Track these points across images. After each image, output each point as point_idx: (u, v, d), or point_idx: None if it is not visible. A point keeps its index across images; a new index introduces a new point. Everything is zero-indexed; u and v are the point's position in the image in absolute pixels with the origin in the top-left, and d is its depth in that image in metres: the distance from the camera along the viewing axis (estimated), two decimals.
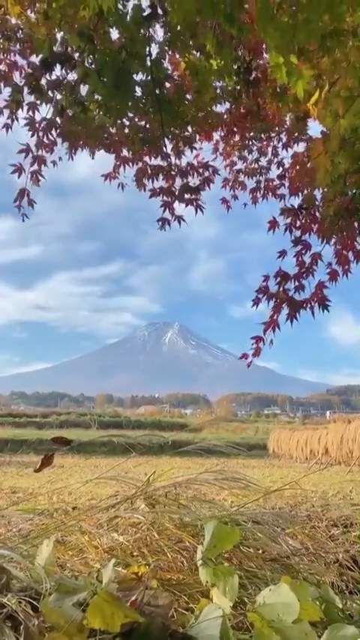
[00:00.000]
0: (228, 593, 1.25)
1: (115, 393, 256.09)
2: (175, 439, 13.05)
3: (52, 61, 3.26)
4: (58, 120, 3.74)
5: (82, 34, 2.78)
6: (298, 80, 1.92)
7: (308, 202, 3.56)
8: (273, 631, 1.13)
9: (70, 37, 2.85)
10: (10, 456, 21.67)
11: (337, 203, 2.98)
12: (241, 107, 3.94)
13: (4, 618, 1.21)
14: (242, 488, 2.36)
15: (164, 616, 1.22)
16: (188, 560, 2.04)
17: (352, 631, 1.25)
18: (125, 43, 2.78)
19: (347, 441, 19.70)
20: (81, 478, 3.14)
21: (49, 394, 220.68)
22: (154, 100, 2.93)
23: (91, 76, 2.89)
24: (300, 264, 3.54)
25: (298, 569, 2.36)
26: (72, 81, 3.43)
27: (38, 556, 1.41)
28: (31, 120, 3.80)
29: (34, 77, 3.51)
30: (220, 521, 1.63)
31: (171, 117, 3.21)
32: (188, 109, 3.23)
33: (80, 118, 3.51)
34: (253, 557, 2.26)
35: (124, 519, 2.33)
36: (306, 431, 25.74)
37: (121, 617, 1.11)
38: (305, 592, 1.22)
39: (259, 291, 3.50)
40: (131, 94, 2.83)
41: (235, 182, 4.97)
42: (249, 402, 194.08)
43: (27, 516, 2.30)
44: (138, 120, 3.69)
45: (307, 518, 3.74)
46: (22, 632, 1.14)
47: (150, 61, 2.74)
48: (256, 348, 3.68)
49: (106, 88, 2.74)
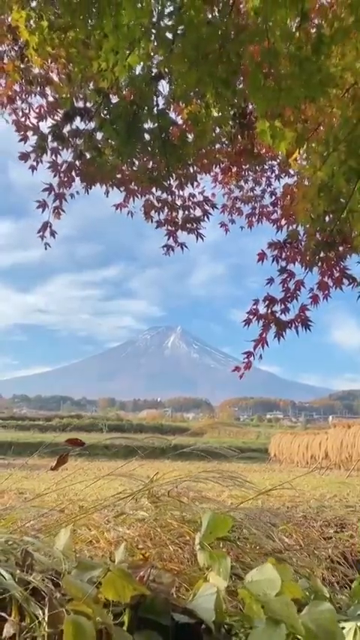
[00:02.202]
0: (222, 573, 1.45)
1: (117, 397, 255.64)
2: (176, 443, 13.23)
3: (73, 114, 3.78)
4: (77, 163, 4.26)
5: (98, 91, 3.08)
6: (281, 142, 2.20)
7: (292, 237, 4.06)
8: (259, 604, 1.34)
9: (89, 94, 3.20)
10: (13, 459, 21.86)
11: (318, 238, 3.33)
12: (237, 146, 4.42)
13: (30, 593, 1.41)
14: (239, 486, 2.54)
15: (167, 592, 1.42)
16: (188, 553, 2.23)
17: (328, 606, 1.45)
18: (135, 98, 3.09)
19: (347, 446, 19.89)
20: (85, 480, 3.33)
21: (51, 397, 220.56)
22: (160, 144, 3.31)
23: (106, 126, 3.35)
24: (285, 289, 4.06)
25: (291, 562, 2.54)
26: (89, 129, 3.91)
27: (57, 542, 1.62)
28: (54, 163, 4.35)
29: (58, 127, 4.01)
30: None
31: (175, 159, 3.54)
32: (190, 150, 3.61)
33: (96, 161, 4.00)
34: (248, 552, 2.46)
35: (130, 515, 2.52)
36: (307, 436, 25.89)
37: (130, 590, 1.31)
38: (287, 573, 1.41)
39: (250, 312, 4.02)
40: (141, 140, 3.19)
41: (232, 208, 5.54)
42: (251, 407, 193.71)
43: (41, 511, 2.49)
44: (146, 161, 4.16)
45: (302, 518, 3.91)
46: (46, 603, 1.35)
47: (157, 111, 3.08)
48: (247, 362, 4.21)
49: (119, 136, 3.10)
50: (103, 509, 2.59)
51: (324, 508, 4.51)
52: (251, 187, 5.49)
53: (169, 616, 1.36)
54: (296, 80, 1.99)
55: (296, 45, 2.08)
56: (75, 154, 4.13)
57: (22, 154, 4.28)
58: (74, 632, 1.16)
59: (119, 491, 2.97)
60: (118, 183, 4.46)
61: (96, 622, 1.24)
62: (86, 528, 2.34)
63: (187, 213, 4.84)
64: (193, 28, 2.09)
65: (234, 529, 2.57)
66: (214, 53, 2.17)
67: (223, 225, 5.60)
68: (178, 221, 4.84)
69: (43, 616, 1.34)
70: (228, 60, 2.18)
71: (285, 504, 4.46)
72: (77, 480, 3.50)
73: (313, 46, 2.06)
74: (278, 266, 4.13)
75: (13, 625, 1.35)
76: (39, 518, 2.34)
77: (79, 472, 3.87)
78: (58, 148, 4.24)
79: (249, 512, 2.76)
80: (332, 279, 3.98)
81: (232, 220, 5.62)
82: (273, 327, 3.96)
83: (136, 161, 4.09)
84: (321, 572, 2.69)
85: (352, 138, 2.38)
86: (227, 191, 5.55)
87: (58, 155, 4.31)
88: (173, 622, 1.36)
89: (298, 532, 3.12)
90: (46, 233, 4.65)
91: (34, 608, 1.38)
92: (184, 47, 2.13)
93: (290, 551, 2.67)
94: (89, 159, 4.02)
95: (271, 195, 5.46)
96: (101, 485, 3.71)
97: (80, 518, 2.33)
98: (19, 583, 1.43)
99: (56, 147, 4.24)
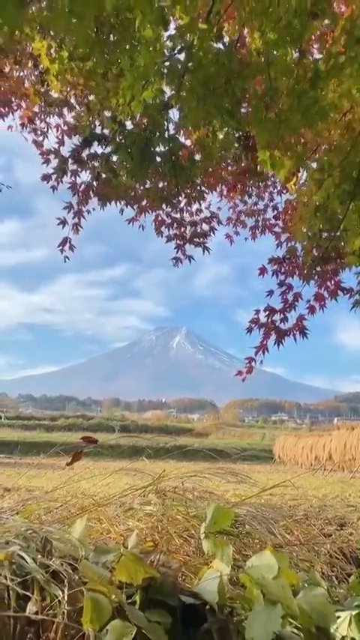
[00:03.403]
0: (224, 559, 1.59)
1: (122, 397, 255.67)
2: (181, 444, 13.14)
3: (92, 139, 4.17)
4: (94, 183, 4.65)
5: (114, 119, 3.37)
6: (280, 169, 2.40)
7: (291, 253, 4.42)
8: (258, 587, 1.47)
9: (106, 122, 3.48)
10: (20, 458, 22.09)
11: (314, 253, 3.56)
12: (242, 166, 4.75)
13: (50, 575, 1.56)
14: (242, 482, 2.67)
15: (174, 576, 1.56)
16: (194, 546, 2.37)
17: (322, 591, 1.59)
18: (148, 124, 3.35)
19: (350, 448, 20.00)
20: (94, 476, 3.46)
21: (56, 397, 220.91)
22: (170, 166, 3.59)
23: (121, 150, 3.68)
24: (284, 301, 4.42)
25: (291, 557, 2.66)
26: (106, 153, 4.27)
27: (73, 531, 1.76)
28: (73, 184, 4.75)
29: (77, 151, 4.40)
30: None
31: (184, 179, 3.82)
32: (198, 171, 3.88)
33: (112, 182, 4.34)
34: (250, 546, 2.58)
35: (138, 510, 2.66)
36: (311, 437, 25.97)
37: (142, 573, 1.45)
38: (285, 559, 1.55)
39: (252, 321, 4.37)
40: (152, 162, 3.45)
41: (237, 221, 5.90)
42: (256, 408, 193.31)
43: (54, 505, 2.64)
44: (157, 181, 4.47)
45: (304, 516, 4.03)
46: (66, 584, 1.49)
47: (167, 136, 3.33)
48: (249, 367, 4.56)
49: (133, 159, 3.43)
50: (112, 505, 2.73)
51: (325, 507, 4.63)
52: (255, 202, 5.80)
53: (176, 597, 1.50)
54: (295, 112, 2.16)
55: (295, 80, 2.26)
56: (93, 175, 4.49)
57: (44, 175, 4.65)
58: (93, 607, 1.30)
59: (125, 488, 3.10)
60: (131, 200, 4.79)
61: (111, 600, 1.38)
62: (97, 521, 2.48)
63: (194, 229, 5.20)
64: (202, 67, 2.28)
65: (237, 524, 2.71)
66: (220, 87, 2.36)
67: (228, 236, 5.95)
68: (186, 235, 5.20)
69: (62, 596, 1.48)
70: (233, 93, 2.37)
71: (287, 503, 4.58)
72: (84, 479, 3.61)
73: (311, 81, 2.24)
74: (278, 279, 4.45)
75: (35, 604, 1.49)
76: (54, 511, 2.48)
77: (85, 471, 3.99)
78: (78, 170, 4.61)
79: (252, 507, 2.89)
80: (328, 291, 4.29)
81: (236, 232, 5.96)
82: (273, 335, 4.27)
83: (147, 181, 4.38)
84: (320, 566, 2.82)
85: (346, 163, 2.56)
86: (232, 205, 5.85)
87: (77, 176, 4.69)
88: (180, 603, 1.49)
89: (299, 529, 3.25)
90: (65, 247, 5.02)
91: (54, 590, 1.52)
92: (193, 85, 2.34)
93: (290, 545, 2.80)
94: (105, 180, 4.34)
95: (274, 209, 5.80)
96: (108, 484, 3.84)
97: (92, 511, 2.47)
98: (40, 567, 1.57)
99: (76, 169, 4.60)
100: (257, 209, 5.82)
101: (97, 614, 1.31)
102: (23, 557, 1.60)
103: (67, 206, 4.86)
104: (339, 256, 3.48)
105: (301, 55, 2.40)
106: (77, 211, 4.88)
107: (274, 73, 2.27)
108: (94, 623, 1.30)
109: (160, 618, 1.43)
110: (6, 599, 1.53)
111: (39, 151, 4.80)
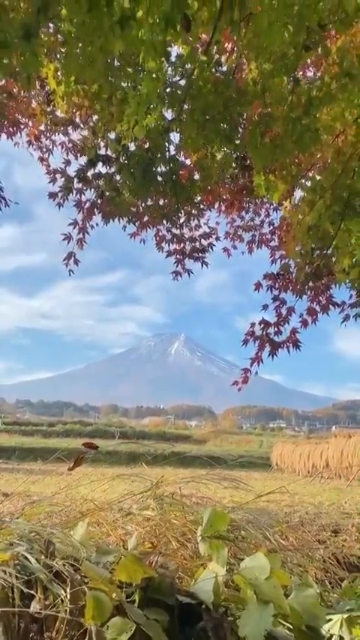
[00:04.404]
0: (219, 561, 1.66)
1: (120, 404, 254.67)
2: (179, 450, 13.17)
3: (96, 160, 4.35)
4: (98, 201, 4.85)
5: (118, 141, 3.49)
6: (274, 193, 2.53)
7: (284, 270, 4.63)
8: (252, 587, 1.55)
9: (110, 144, 3.62)
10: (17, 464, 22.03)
11: (307, 270, 3.67)
12: (239, 184, 4.95)
13: (53, 576, 1.63)
14: (237, 487, 2.74)
15: (172, 577, 1.64)
16: (190, 549, 2.44)
17: (313, 592, 1.66)
18: (150, 146, 3.48)
19: (347, 455, 20.04)
20: (93, 482, 3.52)
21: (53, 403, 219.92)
22: (171, 185, 3.72)
23: (124, 170, 3.90)
24: (278, 314, 4.64)
25: (285, 561, 2.73)
26: (110, 173, 4.46)
27: (75, 534, 1.84)
28: (79, 201, 4.94)
29: (83, 171, 4.61)
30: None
31: (184, 197, 3.95)
32: (197, 190, 4.02)
33: (115, 200, 4.55)
34: (245, 550, 2.65)
35: (137, 515, 2.72)
36: (308, 445, 26.00)
37: (141, 573, 1.52)
38: (277, 561, 1.62)
39: (248, 334, 4.59)
40: (154, 181, 3.58)
41: (234, 235, 6.11)
42: (254, 415, 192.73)
43: (55, 509, 2.70)
44: (158, 199, 4.69)
45: (299, 522, 4.10)
46: (68, 583, 1.56)
47: (168, 156, 3.47)
48: (244, 377, 4.75)
49: (136, 179, 3.56)
50: (111, 510, 2.79)
51: (321, 514, 4.69)
52: (251, 217, 6.03)
53: (174, 597, 1.58)
54: (289, 138, 2.28)
55: (289, 106, 2.38)
56: (97, 193, 4.69)
57: (51, 193, 4.84)
58: (95, 605, 1.37)
59: (124, 494, 3.16)
60: (133, 216, 4.96)
61: (112, 599, 1.46)
62: (96, 525, 2.55)
63: (193, 245, 5.43)
64: (202, 95, 2.40)
65: (233, 529, 2.77)
66: (219, 114, 2.49)
67: (225, 250, 6.16)
68: (185, 251, 5.44)
69: (65, 594, 1.55)
70: (230, 118, 2.50)
71: (283, 510, 4.65)
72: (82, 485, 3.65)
73: (304, 108, 2.35)
74: (272, 294, 4.65)
75: (39, 602, 1.57)
76: (54, 515, 2.55)
77: (84, 477, 4.03)
78: (83, 189, 4.81)
79: (248, 512, 2.95)
80: (320, 305, 4.51)
81: (234, 246, 6.18)
82: (267, 347, 4.48)
83: (149, 199, 4.57)
84: (314, 571, 2.89)
85: (337, 185, 2.68)
86: (230, 220, 6.06)
87: (82, 194, 4.89)
88: (177, 602, 1.57)
89: (294, 535, 3.31)
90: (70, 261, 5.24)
91: (57, 589, 1.59)
92: (193, 111, 2.46)
93: (285, 550, 2.86)
94: (109, 198, 4.52)
95: (269, 224, 6.05)
96: (106, 490, 3.89)
97: (92, 514, 2.54)
98: (43, 567, 1.65)
99: (81, 187, 4.80)
100: (254, 224, 6.03)
101: (99, 610, 1.38)
102: (27, 557, 1.67)
103: (72, 222, 5.04)
104: (330, 273, 3.64)
105: (295, 82, 2.52)
106: (82, 227, 5.07)
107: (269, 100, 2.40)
108: (96, 620, 1.38)
109: (158, 616, 1.51)
110: (11, 597, 1.60)
111: (45, 170, 4.96)
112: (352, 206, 2.78)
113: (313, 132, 2.38)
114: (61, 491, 3.83)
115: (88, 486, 3.71)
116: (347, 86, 2.32)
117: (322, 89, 2.39)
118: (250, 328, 4.60)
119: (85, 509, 3.02)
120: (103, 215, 4.86)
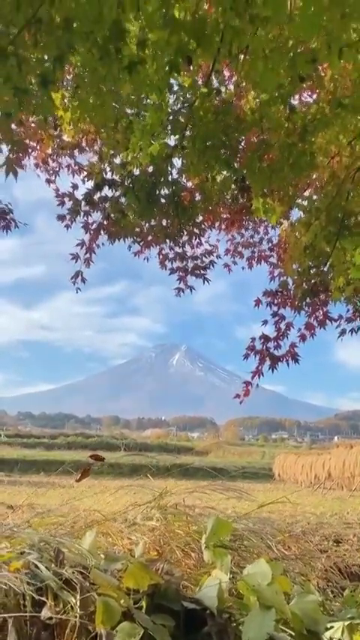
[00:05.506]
0: (223, 568, 1.73)
1: (121, 415, 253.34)
2: (181, 462, 13.10)
3: (103, 184, 4.58)
4: (104, 222, 5.05)
5: (123, 166, 3.65)
6: (272, 215, 2.66)
7: (283, 287, 4.83)
8: (254, 593, 1.61)
9: (115, 169, 3.78)
10: (19, 476, 22.00)
11: (304, 287, 3.81)
12: (239, 204, 5.10)
13: (63, 583, 1.70)
14: (240, 498, 2.79)
15: (177, 584, 1.70)
16: (194, 559, 2.49)
17: (313, 598, 1.72)
18: (154, 170, 3.64)
19: (349, 466, 20.02)
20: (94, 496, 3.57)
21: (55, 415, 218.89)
22: (173, 206, 3.89)
23: (129, 193, 4.08)
24: (278, 329, 4.86)
25: (287, 570, 2.78)
26: (116, 196, 4.68)
27: (83, 542, 1.90)
28: (86, 223, 5.15)
29: (90, 194, 4.84)
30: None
31: (186, 218, 4.14)
32: (198, 210, 4.19)
33: (121, 222, 4.76)
34: (248, 559, 2.70)
35: (141, 525, 2.78)
36: (310, 456, 25.94)
37: (148, 580, 1.59)
38: (278, 568, 1.69)
39: (249, 348, 4.79)
40: (157, 203, 3.75)
41: (234, 252, 6.29)
42: (257, 426, 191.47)
43: (61, 520, 2.76)
44: (161, 220, 4.89)
45: (301, 532, 4.14)
46: (78, 590, 1.63)
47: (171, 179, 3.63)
48: (246, 390, 4.95)
49: (140, 202, 3.72)
50: (116, 520, 2.85)
51: (323, 524, 4.74)
52: (251, 235, 6.21)
53: (179, 603, 1.64)
54: (285, 163, 2.40)
55: (285, 133, 2.51)
56: (103, 215, 4.91)
57: (59, 215, 5.08)
58: (104, 610, 1.44)
59: (128, 505, 3.21)
60: (137, 236, 5.19)
61: (121, 604, 1.52)
62: (102, 535, 2.60)
63: (195, 263, 5.66)
64: (203, 124, 2.53)
65: (236, 539, 2.83)
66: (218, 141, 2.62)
67: (226, 265, 6.33)
68: (188, 268, 5.68)
69: (74, 601, 1.62)
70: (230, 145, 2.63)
71: (285, 520, 4.69)
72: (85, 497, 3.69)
73: (300, 135, 2.48)
74: (271, 310, 4.87)
75: (50, 609, 1.63)
76: (61, 526, 2.61)
77: (87, 489, 4.07)
78: (90, 211, 5.03)
79: (250, 522, 3.01)
80: (317, 320, 4.69)
81: (234, 262, 6.35)
82: (268, 361, 4.68)
83: (153, 220, 4.75)
84: (315, 580, 2.94)
85: (332, 207, 2.80)
86: (230, 238, 6.24)
87: (89, 216, 5.11)
88: (183, 608, 1.64)
89: (296, 544, 3.36)
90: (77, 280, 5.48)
91: (67, 596, 1.66)
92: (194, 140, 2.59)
93: (287, 559, 2.91)
94: (115, 219, 4.75)
95: (268, 241, 6.22)
96: (110, 502, 3.94)
97: (97, 524, 2.60)
98: (53, 575, 1.71)
99: (88, 210, 5.02)
100: (253, 241, 6.21)
101: (108, 615, 1.45)
102: (38, 566, 1.74)
103: (80, 243, 5.25)
104: (327, 289, 3.80)
105: (291, 110, 2.66)
106: (89, 247, 5.28)
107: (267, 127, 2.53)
108: (106, 624, 1.44)
109: (165, 621, 1.57)
110: (22, 604, 1.67)
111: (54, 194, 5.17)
112: (346, 226, 2.93)
113: (308, 156, 2.52)
114: (65, 503, 3.87)
115: (92, 498, 3.75)
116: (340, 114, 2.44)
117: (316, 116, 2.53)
118: (251, 343, 4.79)
119: (90, 520, 3.07)
120: (109, 235, 5.06)
